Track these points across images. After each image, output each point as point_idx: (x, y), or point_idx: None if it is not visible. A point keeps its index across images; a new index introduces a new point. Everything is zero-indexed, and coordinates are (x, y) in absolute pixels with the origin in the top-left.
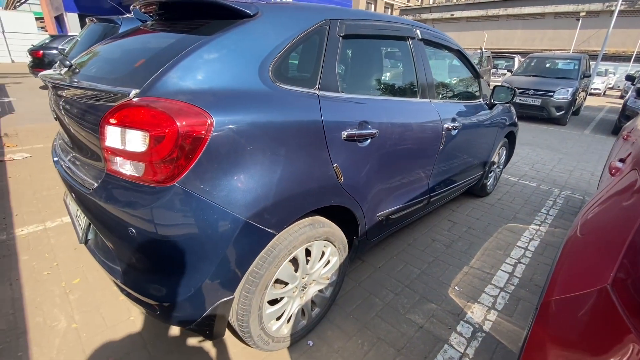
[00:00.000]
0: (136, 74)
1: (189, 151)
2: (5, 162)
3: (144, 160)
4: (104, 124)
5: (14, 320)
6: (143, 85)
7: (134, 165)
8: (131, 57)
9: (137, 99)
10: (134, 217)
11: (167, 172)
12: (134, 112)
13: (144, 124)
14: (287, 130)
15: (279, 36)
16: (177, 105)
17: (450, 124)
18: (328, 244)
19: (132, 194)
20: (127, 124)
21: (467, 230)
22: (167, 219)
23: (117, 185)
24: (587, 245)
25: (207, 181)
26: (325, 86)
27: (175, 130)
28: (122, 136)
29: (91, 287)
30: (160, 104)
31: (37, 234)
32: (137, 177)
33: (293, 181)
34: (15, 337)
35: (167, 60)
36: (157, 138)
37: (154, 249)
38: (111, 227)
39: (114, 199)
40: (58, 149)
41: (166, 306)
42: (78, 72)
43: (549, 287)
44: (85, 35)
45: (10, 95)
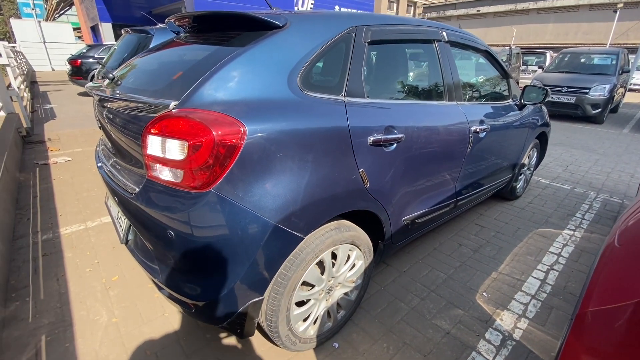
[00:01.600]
0: (174, 86)
1: (223, 159)
2: (50, 165)
3: (182, 167)
4: (146, 134)
5: (61, 314)
6: (181, 97)
7: (173, 172)
8: (169, 69)
9: (176, 110)
10: (173, 220)
11: (203, 179)
12: (173, 122)
13: (182, 134)
14: (314, 137)
15: (306, 45)
16: (212, 116)
17: (478, 127)
18: (354, 247)
19: (171, 198)
20: (167, 133)
21: (496, 235)
22: (203, 222)
23: (157, 191)
24: (627, 255)
25: (240, 187)
26: (351, 92)
27: (211, 139)
28: (162, 145)
29: (129, 284)
30: (197, 114)
31: (79, 233)
32: (176, 183)
33: (320, 186)
34: (62, 329)
35: (202, 73)
36: (195, 147)
37: (191, 250)
38: (151, 229)
39: (154, 203)
40: (101, 155)
41: (201, 305)
42: (120, 84)
43: (585, 298)
44: (121, 45)
45: (52, 102)
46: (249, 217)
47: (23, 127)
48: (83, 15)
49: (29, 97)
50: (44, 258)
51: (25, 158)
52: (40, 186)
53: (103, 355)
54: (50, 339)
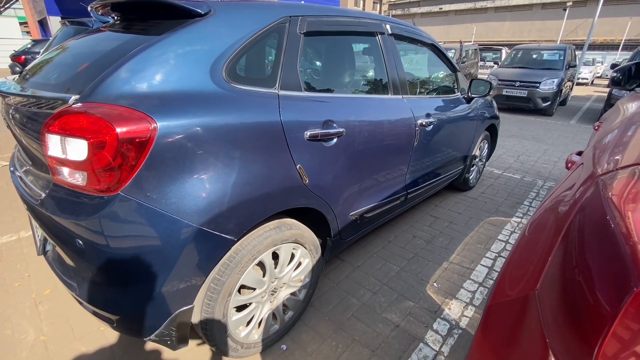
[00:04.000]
0: (78, 79)
1: (131, 158)
2: None
3: (86, 169)
4: (44, 132)
5: None
6: (83, 91)
7: (77, 174)
8: (76, 61)
9: (76, 105)
10: (81, 227)
11: (110, 181)
12: (72, 119)
13: (83, 131)
14: (242, 132)
15: (232, 35)
16: (116, 111)
17: (425, 120)
18: (298, 246)
19: (78, 204)
20: (66, 131)
21: (449, 225)
22: (113, 229)
23: (63, 196)
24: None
25: (154, 188)
26: (286, 85)
27: (115, 137)
28: (62, 144)
29: (62, 298)
30: (98, 109)
31: (10, 244)
32: (81, 187)
33: (251, 185)
34: None
35: (110, 64)
36: (97, 145)
37: (104, 260)
38: (61, 238)
39: (61, 209)
40: (15, 159)
41: (122, 318)
42: (28, 79)
43: (495, 290)
44: (58, 39)
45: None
46: (166, 220)
47: None
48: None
49: None
50: None
51: None
52: None
53: None
54: None
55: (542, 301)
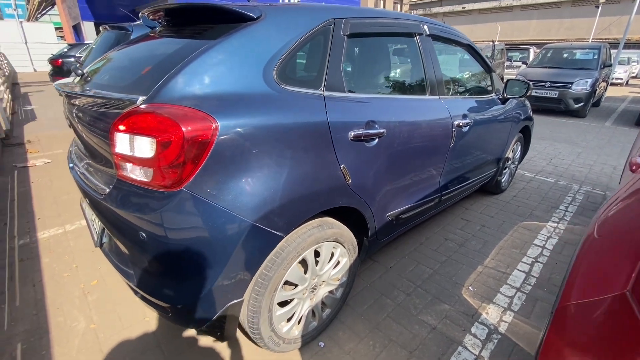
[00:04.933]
0: (143, 81)
1: (195, 156)
2: (28, 168)
3: (152, 165)
4: (113, 131)
5: (37, 321)
6: (149, 92)
7: (142, 170)
8: (139, 64)
9: (144, 106)
10: (144, 221)
11: (174, 177)
12: (141, 118)
13: (151, 130)
14: (292, 132)
15: (282, 38)
16: (182, 111)
17: (461, 121)
18: (337, 245)
19: (142, 198)
20: (135, 130)
21: (481, 229)
22: (175, 223)
23: (127, 191)
24: (605, 247)
25: (214, 185)
26: (330, 86)
27: (181, 136)
28: (130, 142)
29: (108, 289)
30: (166, 110)
31: (57, 237)
32: (146, 182)
33: (300, 183)
34: (38, 337)
35: (173, 67)
36: (164, 144)
37: (164, 252)
38: (123, 231)
39: (125, 204)
40: (73, 156)
41: (177, 309)
42: (90, 81)
43: (565, 291)
44: (99, 43)
45: (32, 103)
46: (225, 216)
47: (2, 129)
48: (65, 14)
49: (9, 98)
50: (21, 264)
51: (4, 161)
52: (18, 190)
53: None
54: (25, 347)
55: (639, 301)
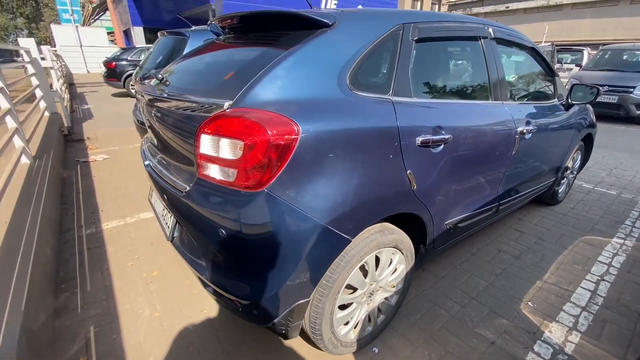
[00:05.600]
0: (226, 86)
1: (277, 158)
2: (90, 163)
3: (236, 166)
4: (199, 133)
5: (106, 306)
6: (235, 97)
7: (226, 171)
8: (219, 70)
9: (230, 110)
10: (224, 218)
11: (257, 178)
12: (228, 122)
13: (237, 133)
14: (364, 137)
15: (356, 44)
16: (267, 116)
17: (524, 127)
18: (396, 251)
19: (223, 197)
20: (221, 133)
21: (537, 242)
22: (254, 221)
23: (208, 189)
24: None
25: (292, 187)
26: (398, 91)
27: (266, 139)
28: (216, 144)
29: (168, 280)
30: (252, 114)
31: (119, 228)
32: (229, 182)
33: (369, 188)
34: (109, 321)
35: (254, 73)
36: (250, 146)
37: (241, 249)
38: (201, 227)
39: (206, 201)
40: (148, 153)
41: (248, 304)
42: (169, 85)
43: None
44: (157, 48)
45: (88, 103)
46: (300, 217)
47: (65, 126)
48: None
49: (68, 98)
50: (89, 251)
51: (68, 156)
52: (82, 182)
53: (148, 348)
54: (98, 330)
55: None
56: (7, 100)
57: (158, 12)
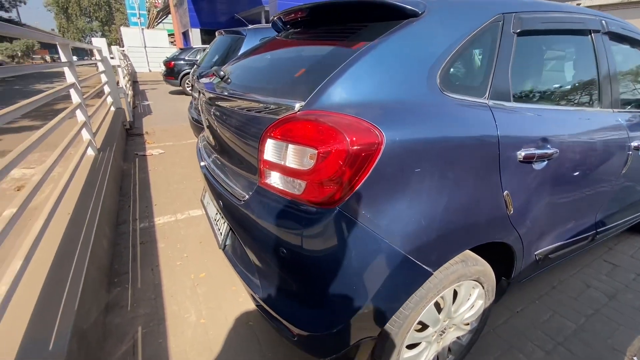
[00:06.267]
0: (298, 85)
1: (355, 172)
2: (147, 157)
3: (306, 178)
4: (265, 137)
5: (155, 306)
6: (307, 98)
7: (293, 182)
8: (288, 67)
9: (301, 113)
10: (287, 237)
11: (329, 194)
12: (299, 126)
13: (309, 140)
14: (457, 149)
15: (448, 37)
16: (346, 120)
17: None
18: (477, 284)
19: (287, 212)
20: (290, 138)
21: (636, 278)
22: (323, 244)
23: (270, 201)
24: None
25: (370, 207)
26: (497, 94)
27: (344, 148)
28: (283, 151)
29: (215, 283)
30: (328, 118)
31: (170, 224)
32: (295, 196)
33: (459, 211)
34: (157, 323)
35: (330, 70)
36: (324, 155)
37: (304, 274)
38: (259, 242)
39: (266, 214)
40: (204, 153)
41: (306, 335)
42: (231, 83)
43: None
44: (214, 47)
45: (148, 99)
46: (376, 244)
47: (127, 121)
48: (177, 22)
49: (131, 94)
50: (142, 246)
51: (128, 149)
52: (139, 176)
53: (192, 358)
54: (145, 331)
55: None
56: (79, 95)
57: (214, 14)
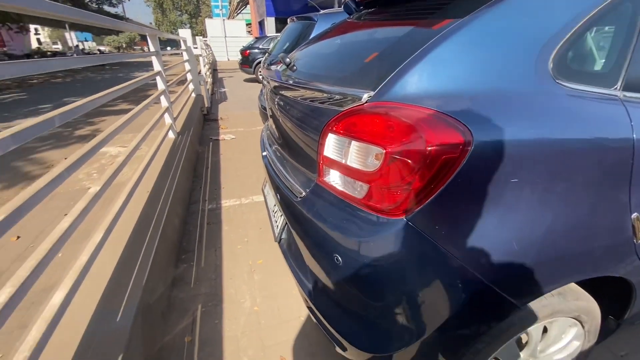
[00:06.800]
0: (367, 73)
1: (432, 178)
2: (220, 141)
3: (369, 180)
4: (326, 131)
5: (214, 286)
6: (378, 87)
7: (354, 184)
8: (357, 52)
9: (370, 104)
10: (343, 244)
11: (395, 201)
12: (366, 120)
13: (376, 137)
14: (572, 156)
15: (565, 11)
16: (424, 114)
17: None
18: (575, 323)
19: (345, 216)
20: (354, 134)
21: None
22: (384, 259)
23: (327, 201)
24: None
25: (447, 222)
26: (632, 85)
27: (419, 148)
28: (346, 148)
29: (271, 271)
30: (402, 111)
31: (235, 207)
32: (355, 199)
33: (567, 236)
34: (214, 304)
35: (407, 54)
36: (393, 156)
37: (359, 288)
38: (313, 245)
39: (322, 216)
40: (266, 142)
41: (356, 351)
42: (297, 70)
43: None
44: (285, 34)
45: (225, 87)
46: (450, 267)
47: (205, 106)
48: (254, 11)
49: (210, 82)
50: (208, 227)
51: (204, 133)
52: (212, 159)
53: (243, 346)
54: (204, 310)
55: None
56: (163, 82)
57: (288, 3)
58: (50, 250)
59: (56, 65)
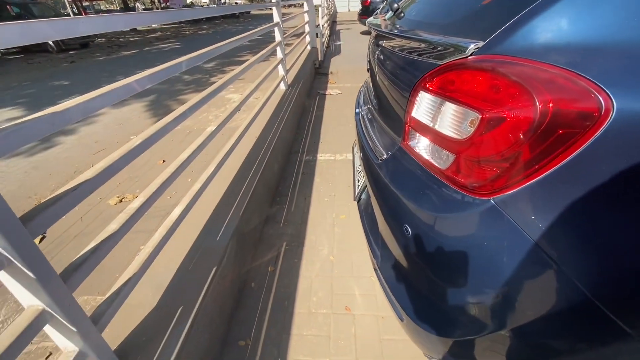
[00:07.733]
0: (482, 18)
1: (541, 154)
2: (326, 96)
3: (457, 150)
4: (417, 88)
5: (299, 230)
6: (491, 35)
7: (440, 152)
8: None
9: (474, 58)
10: (416, 215)
11: (484, 178)
12: (465, 77)
13: (475, 98)
14: None
15: None
16: (544, 73)
17: None
18: None
19: (423, 187)
20: (449, 93)
21: None
22: (459, 242)
23: (407, 167)
24: None
25: (549, 214)
26: None
27: (530, 115)
28: (437, 109)
29: (351, 228)
30: (514, 68)
31: (329, 162)
32: (437, 169)
33: None
34: (296, 245)
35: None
36: (491, 122)
37: (425, 265)
38: (387, 209)
39: (400, 182)
40: (361, 100)
41: (413, 327)
42: (404, 17)
43: None
44: None
45: (341, 40)
46: (549, 273)
47: (317, 60)
48: None
49: (327, 34)
50: (302, 176)
51: (313, 86)
52: (316, 113)
53: (315, 287)
54: (287, 248)
55: None
56: (280, 33)
57: None
58: (172, 174)
59: (187, 15)
